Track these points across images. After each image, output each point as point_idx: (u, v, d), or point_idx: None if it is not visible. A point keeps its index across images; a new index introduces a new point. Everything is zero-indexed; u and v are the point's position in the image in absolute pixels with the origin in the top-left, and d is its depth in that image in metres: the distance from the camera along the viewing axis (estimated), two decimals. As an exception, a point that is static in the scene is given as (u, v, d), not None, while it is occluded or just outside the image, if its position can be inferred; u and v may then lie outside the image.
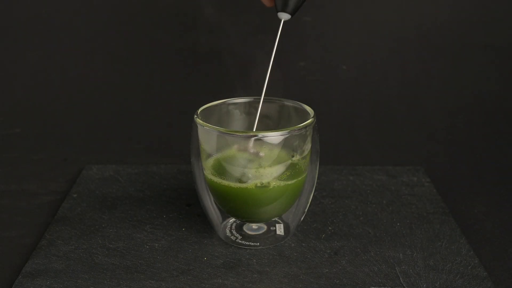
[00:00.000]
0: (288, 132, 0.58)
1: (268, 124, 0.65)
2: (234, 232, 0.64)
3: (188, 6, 0.93)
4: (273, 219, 0.65)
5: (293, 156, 0.60)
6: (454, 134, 0.90)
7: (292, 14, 0.60)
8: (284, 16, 0.60)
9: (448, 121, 0.92)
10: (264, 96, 0.62)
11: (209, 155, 0.61)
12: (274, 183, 0.59)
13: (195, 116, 0.61)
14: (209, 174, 0.61)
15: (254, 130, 0.62)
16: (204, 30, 0.94)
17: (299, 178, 0.61)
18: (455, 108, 0.93)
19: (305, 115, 0.62)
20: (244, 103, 0.66)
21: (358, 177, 0.77)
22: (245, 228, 0.65)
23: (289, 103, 0.65)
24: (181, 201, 0.71)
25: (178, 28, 0.94)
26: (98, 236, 0.64)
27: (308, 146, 0.61)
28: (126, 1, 0.94)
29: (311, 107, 0.63)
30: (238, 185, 0.59)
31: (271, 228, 0.65)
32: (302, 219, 0.65)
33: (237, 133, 0.58)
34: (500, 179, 0.79)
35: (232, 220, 0.66)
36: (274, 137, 0.58)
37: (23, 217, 0.70)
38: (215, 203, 0.64)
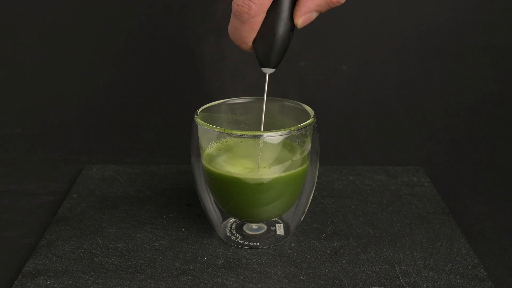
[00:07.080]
0: (288, 132, 0.58)
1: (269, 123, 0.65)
2: (234, 232, 0.64)
3: (188, 7, 0.93)
4: (273, 219, 0.65)
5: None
6: (454, 134, 0.90)
7: (275, 67, 0.59)
8: (268, 71, 0.59)
9: (448, 121, 0.92)
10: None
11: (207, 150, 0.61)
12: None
13: (195, 116, 0.61)
14: (207, 164, 0.60)
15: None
16: (204, 30, 0.94)
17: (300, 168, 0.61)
18: (455, 108, 0.93)
19: (305, 115, 0.62)
20: (244, 103, 0.66)
21: (358, 177, 0.77)
22: (245, 228, 0.65)
23: (289, 103, 0.65)
24: (181, 201, 0.71)
25: (178, 28, 0.94)
26: (98, 236, 0.64)
27: (308, 146, 0.61)
28: (126, 1, 0.94)
29: (311, 107, 0.63)
30: (234, 172, 0.58)
31: (271, 228, 0.65)
32: (302, 219, 0.65)
33: (237, 133, 0.58)
34: (500, 179, 0.79)
35: (232, 220, 0.66)
36: (274, 137, 0.58)
37: (23, 217, 0.70)
38: (215, 203, 0.64)
